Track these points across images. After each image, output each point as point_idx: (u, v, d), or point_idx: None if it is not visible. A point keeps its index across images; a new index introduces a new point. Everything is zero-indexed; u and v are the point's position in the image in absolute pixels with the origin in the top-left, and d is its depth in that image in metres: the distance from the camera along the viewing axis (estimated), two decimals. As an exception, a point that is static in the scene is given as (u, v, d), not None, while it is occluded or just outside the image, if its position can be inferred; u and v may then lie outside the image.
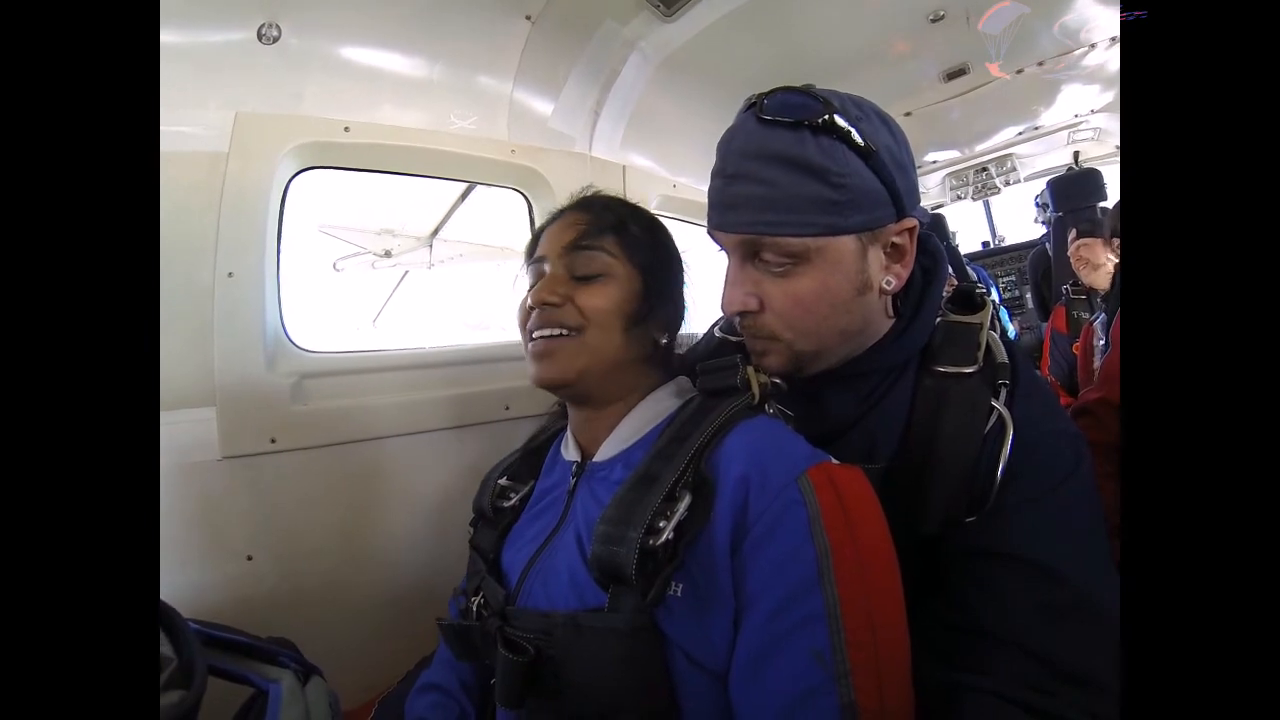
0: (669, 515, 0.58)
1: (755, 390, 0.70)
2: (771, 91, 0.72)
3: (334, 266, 4.91)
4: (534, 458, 0.87)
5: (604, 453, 0.75)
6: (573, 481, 0.77)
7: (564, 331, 0.72)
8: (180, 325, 1.04)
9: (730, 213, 0.72)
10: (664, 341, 0.79)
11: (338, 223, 4.36)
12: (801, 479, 0.60)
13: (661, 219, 0.85)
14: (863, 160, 0.68)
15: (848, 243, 0.70)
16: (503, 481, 0.84)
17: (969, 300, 0.79)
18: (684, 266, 0.84)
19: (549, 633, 0.62)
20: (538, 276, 0.77)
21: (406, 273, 5.00)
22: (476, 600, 0.75)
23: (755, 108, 0.71)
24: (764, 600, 0.57)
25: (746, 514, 0.59)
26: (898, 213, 0.71)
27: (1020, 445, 0.66)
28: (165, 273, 1.02)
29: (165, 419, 1.01)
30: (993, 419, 0.68)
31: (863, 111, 0.71)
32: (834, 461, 0.63)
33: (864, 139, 0.68)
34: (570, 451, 0.80)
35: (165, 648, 0.56)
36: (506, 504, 0.82)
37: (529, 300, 0.74)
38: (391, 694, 0.95)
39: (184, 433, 1.03)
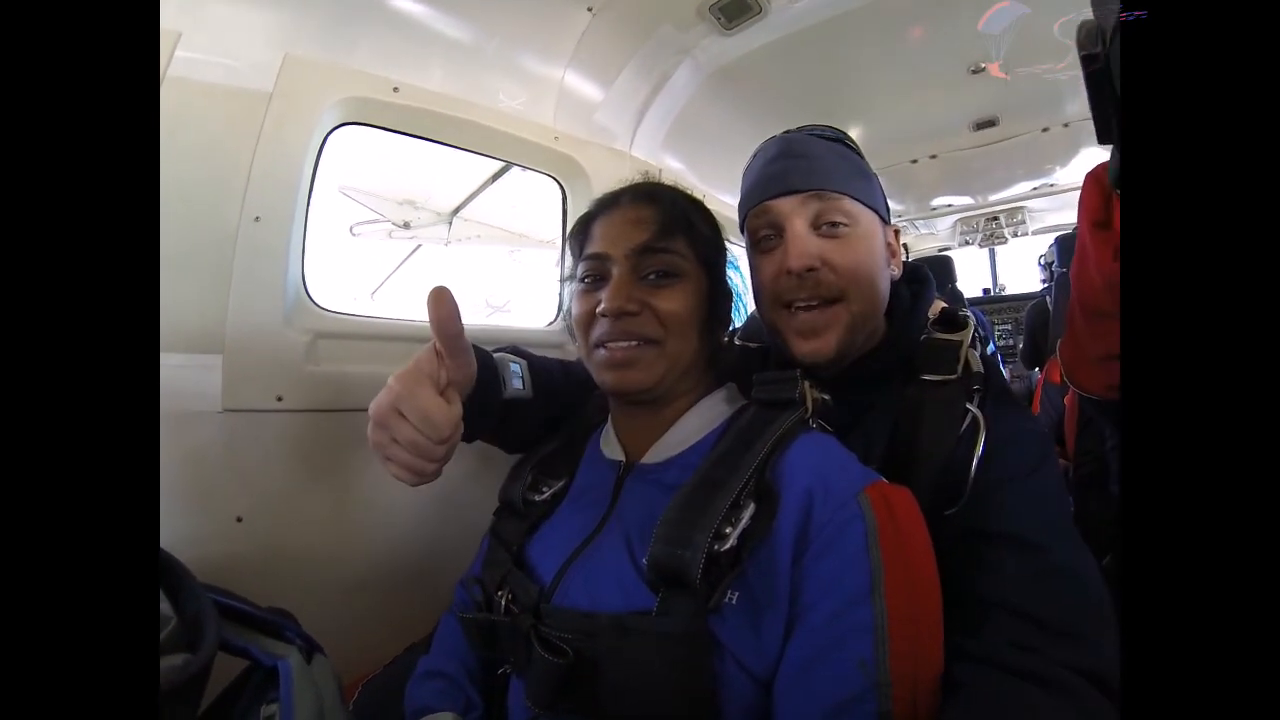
0: (734, 522, 0.59)
1: (810, 405, 0.71)
2: (801, 126, 0.91)
3: (350, 231, 4.73)
4: (570, 451, 0.84)
5: (656, 454, 0.74)
6: (616, 480, 0.75)
7: (643, 341, 0.71)
8: (198, 264, 0.98)
9: (794, 177, 0.82)
10: (724, 339, 0.80)
11: (360, 186, 4.19)
12: (861, 496, 0.62)
13: None
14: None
15: (875, 219, 0.85)
16: (535, 474, 0.82)
17: (952, 321, 0.87)
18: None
19: (591, 634, 0.60)
20: (596, 274, 0.74)
21: (419, 246, 4.88)
22: (504, 594, 0.72)
23: (788, 133, 0.89)
24: (819, 609, 0.58)
25: (809, 526, 0.60)
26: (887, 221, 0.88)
27: (993, 440, 0.72)
28: (190, 208, 0.97)
29: (166, 360, 0.94)
30: (967, 420, 0.74)
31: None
32: (885, 481, 0.65)
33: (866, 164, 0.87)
34: (613, 449, 0.78)
35: (163, 605, 0.51)
36: (538, 498, 0.79)
37: (603, 306, 0.70)
38: (375, 678, 0.91)
39: (185, 379, 0.96)
